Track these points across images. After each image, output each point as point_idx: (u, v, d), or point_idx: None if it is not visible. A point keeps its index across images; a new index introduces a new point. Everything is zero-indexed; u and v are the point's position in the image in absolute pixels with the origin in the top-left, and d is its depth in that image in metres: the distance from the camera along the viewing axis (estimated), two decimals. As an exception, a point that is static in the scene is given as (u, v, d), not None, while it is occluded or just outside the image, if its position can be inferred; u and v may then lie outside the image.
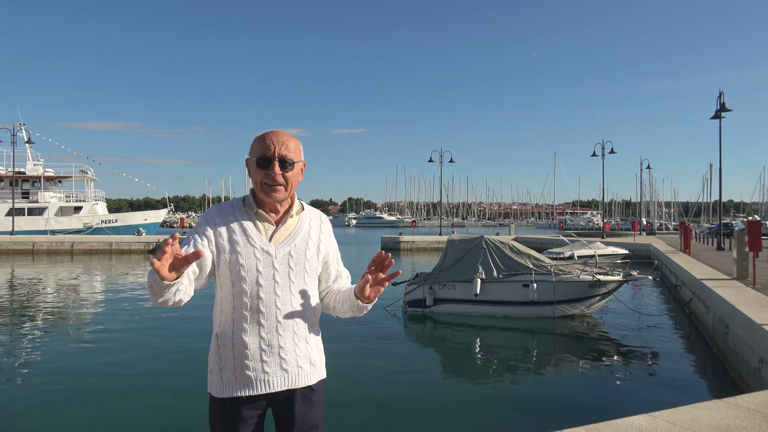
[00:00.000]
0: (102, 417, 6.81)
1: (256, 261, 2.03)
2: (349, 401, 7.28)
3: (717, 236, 25.69)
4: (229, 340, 2.04)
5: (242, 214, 2.10)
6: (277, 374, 2.03)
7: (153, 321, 12.87)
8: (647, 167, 52.90)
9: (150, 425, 6.59)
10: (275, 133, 2.06)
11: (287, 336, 2.04)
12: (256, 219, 2.10)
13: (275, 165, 2.01)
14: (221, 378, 2.05)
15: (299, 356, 2.07)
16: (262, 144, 2.04)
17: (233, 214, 2.09)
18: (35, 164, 45.24)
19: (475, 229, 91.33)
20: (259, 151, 2.04)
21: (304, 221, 2.17)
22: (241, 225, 2.07)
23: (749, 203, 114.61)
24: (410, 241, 38.40)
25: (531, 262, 13.45)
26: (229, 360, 2.03)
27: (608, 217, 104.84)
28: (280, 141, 2.04)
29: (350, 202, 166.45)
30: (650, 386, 8.16)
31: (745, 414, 3.91)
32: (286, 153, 2.03)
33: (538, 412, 7.12)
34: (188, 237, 2.08)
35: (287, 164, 2.03)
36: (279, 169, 2.02)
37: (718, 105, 22.89)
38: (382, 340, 11.02)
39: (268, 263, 2.04)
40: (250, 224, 2.08)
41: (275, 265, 2.04)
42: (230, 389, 2.03)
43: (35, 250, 34.30)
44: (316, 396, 2.13)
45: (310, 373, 2.11)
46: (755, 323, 7.11)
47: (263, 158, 2.02)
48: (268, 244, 2.06)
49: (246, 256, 2.03)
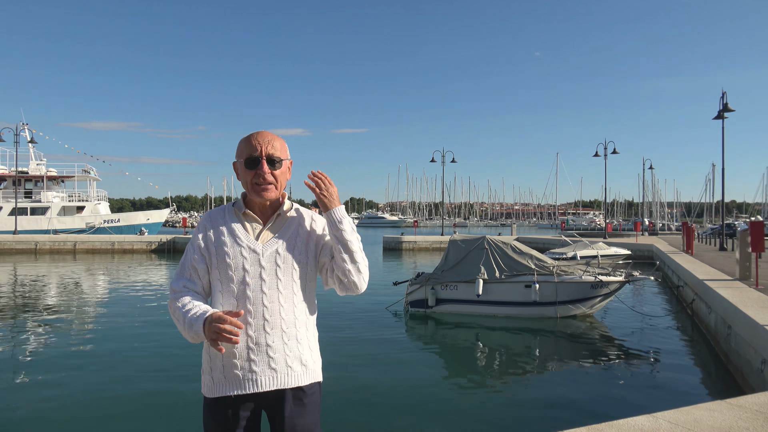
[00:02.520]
0: (102, 417, 6.83)
1: (243, 260, 2.05)
2: (349, 402, 7.29)
3: (719, 237, 25.64)
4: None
5: (231, 216, 2.14)
6: (265, 373, 2.01)
7: (154, 321, 12.89)
8: (650, 167, 52.86)
9: (150, 425, 6.60)
10: (260, 133, 2.11)
11: (275, 335, 2.02)
12: (245, 219, 2.13)
13: (263, 164, 2.05)
14: (212, 377, 2.06)
15: (288, 355, 2.04)
16: (249, 145, 2.08)
17: (223, 218, 2.15)
18: (38, 164, 45.35)
19: (477, 229, 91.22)
20: (246, 152, 2.07)
21: (294, 220, 2.17)
22: (229, 226, 2.11)
23: (752, 204, 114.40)
24: (412, 241, 38.42)
25: (533, 263, 13.45)
26: (218, 359, 2.04)
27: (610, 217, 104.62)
28: (265, 140, 2.08)
29: (352, 202, 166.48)
30: (652, 387, 8.15)
31: (747, 415, 3.90)
32: (272, 151, 2.07)
33: (540, 413, 7.12)
34: (186, 249, 2.15)
35: (275, 162, 2.07)
36: (267, 168, 2.06)
37: (721, 105, 22.86)
38: (383, 341, 11.02)
39: (255, 262, 2.05)
40: (239, 225, 2.12)
41: (262, 263, 2.05)
42: (220, 389, 2.04)
43: (38, 249, 34.38)
44: (308, 399, 2.09)
45: (300, 374, 2.07)
46: (758, 324, 7.10)
47: (251, 158, 2.06)
48: (255, 243, 2.08)
49: (233, 255, 2.05)
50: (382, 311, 13.93)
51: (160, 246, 35.41)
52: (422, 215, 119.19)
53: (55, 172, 45.85)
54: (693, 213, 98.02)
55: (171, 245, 35.33)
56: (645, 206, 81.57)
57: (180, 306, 2.02)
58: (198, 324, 1.93)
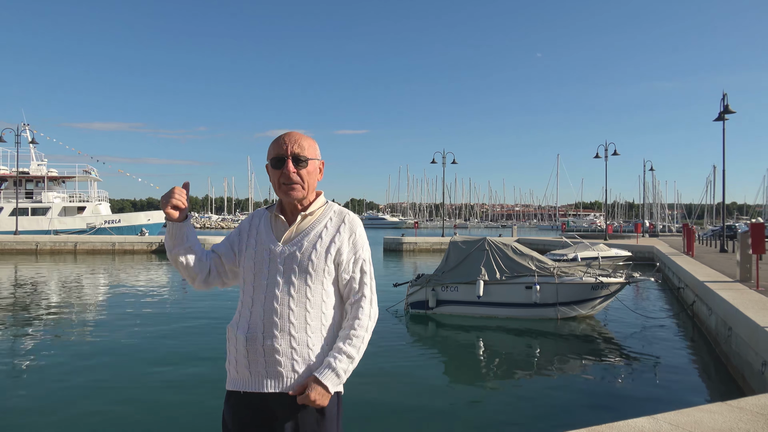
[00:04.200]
0: (103, 417, 6.82)
1: (262, 260, 2.07)
2: (348, 403, 7.24)
3: (720, 238, 25.63)
4: (233, 335, 2.08)
5: (265, 217, 2.18)
6: (270, 375, 1.99)
7: (156, 321, 12.88)
8: (650, 169, 52.86)
9: (150, 426, 6.59)
10: (288, 133, 2.11)
11: (283, 339, 1.98)
12: (275, 221, 2.15)
13: (289, 163, 2.04)
14: (229, 371, 2.11)
15: (296, 361, 1.98)
16: (276, 145, 2.09)
17: (259, 218, 2.20)
18: (39, 164, 45.44)
19: (478, 230, 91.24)
20: (273, 152, 2.09)
21: (321, 221, 2.10)
22: (259, 227, 2.15)
23: (753, 205, 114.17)
24: (413, 243, 38.40)
25: (534, 264, 13.44)
26: (232, 354, 2.08)
27: (611, 219, 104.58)
28: (292, 140, 2.08)
29: (353, 203, 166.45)
30: (652, 388, 8.14)
31: (748, 417, 3.90)
32: (299, 151, 2.06)
33: (540, 414, 7.11)
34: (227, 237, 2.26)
35: (300, 161, 2.06)
36: (293, 167, 2.05)
37: (722, 107, 22.85)
38: (384, 342, 11.01)
39: (273, 262, 2.05)
40: (268, 225, 2.14)
41: (278, 265, 2.04)
42: (231, 383, 2.08)
43: (38, 250, 34.39)
44: (321, 409, 2.00)
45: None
46: (759, 326, 7.10)
47: (277, 158, 2.07)
48: (277, 244, 2.08)
49: (256, 255, 2.09)
50: (383, 312, 13.92)
51: (161, 246, 35.38)
52: (423, 216, 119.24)
53: (56, 173, 45.92)
54: (693, 214, 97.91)
55: (171, 246, 35.26)
56: (646, 208, 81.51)
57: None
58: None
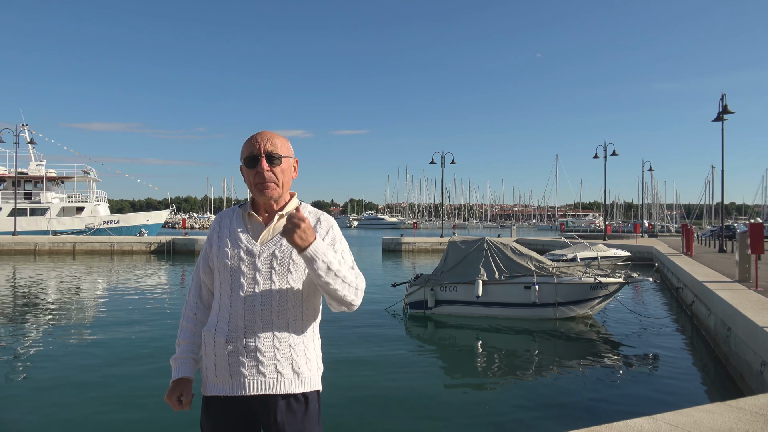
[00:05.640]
0: (103, 417, 6.81)
1: (239, 261, 2.03)
2: (348, 403, 7.28)
3: (719, 238, 25.64)
4: (211, 338, 2.02)
5: (238, 217, 2.14)
6: (253, 377, 1.96)
7: (154, 321, 12.87)
8: (649, 169, 52.96)
9: (150, 426, 6.58)
10: (260, 133, 2.09)
11: (266, 339, 1.97)
12: (249, 220, 2.12)
13: (262, 161, 2.03)
14: (206, 376, 2.06)
15: (279, 361, 1.98)
16: (249, 145, 2.07)
17: (230, 218, 2.15)
18: (38, 165, 45.40)
19: (477, 230, 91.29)
20: (246, 152, 2.07)
21: None
22: (233, 227, 2.11)
23: (751, 205, 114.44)
24: (412, 243, 38.43)
25: (532, 264, 13.44)
26: (210, 359, 2.02)
27: (610, 219, 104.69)
28: (265, 138, 2.06)
29: (352, 204, 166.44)
30: (651, 388, 8.14)
31: (747, 417, 3.90)
32: (272, 149, 2.04)
33: (540, 415, 7.10)
34: (200, 253, 2.22)
35: (274, 159, 2.04)
36: (267, 165, 2.03)
37: (721, 107, 22.87)
38: (382, 342, 11.01)
39: (251, 263, 2.02)
40: (242, 226, 2.10)
41: (258, 265, 2.01)
42: (210, 388, 2.04)
43: (37, 250, 34.35)
44: (302, 407, 2.01)
45: (292, 381, 1.99)
46: (757, 326, 7.10)
47: (251, 157, 2.04)
48: (254, 244, 2.05)
49: (231, 256, 2.04)
50: (382, 312, 13.92)
51: (160, 247, 35.38)
52: (422, 217, 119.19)
53: (54, 173, 45.89)
54: (692, 215, 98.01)
55: (170, 246, 35.30)
56: (644, 208, 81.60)
57: (180, 329, 2.18)
58: (172, 376, 2.10)
